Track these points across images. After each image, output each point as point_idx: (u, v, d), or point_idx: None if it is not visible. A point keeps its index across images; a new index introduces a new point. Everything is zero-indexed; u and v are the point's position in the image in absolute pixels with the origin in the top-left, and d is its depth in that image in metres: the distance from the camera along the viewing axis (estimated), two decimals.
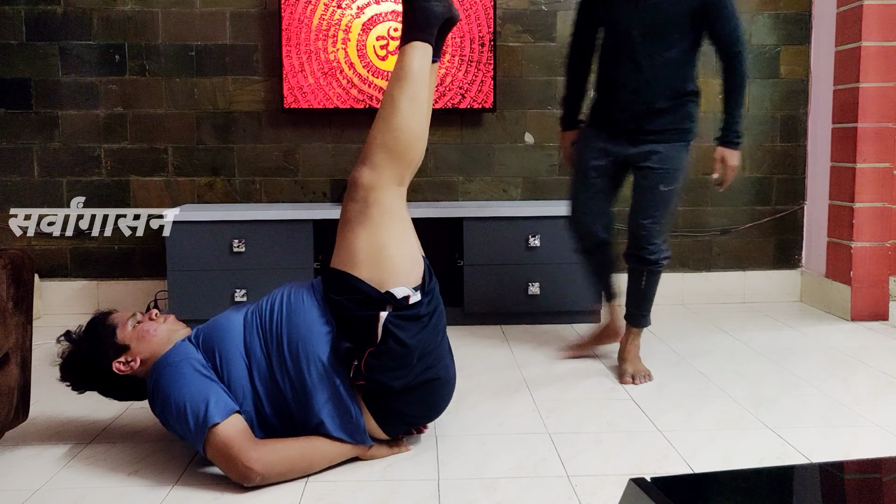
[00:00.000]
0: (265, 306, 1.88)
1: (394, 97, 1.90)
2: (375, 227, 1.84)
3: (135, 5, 3.41)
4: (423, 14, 1.92)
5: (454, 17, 1.98)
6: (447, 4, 1.95)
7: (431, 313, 1.85)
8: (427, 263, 1.92)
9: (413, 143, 1.90)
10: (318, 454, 1.78)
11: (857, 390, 2.36)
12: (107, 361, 1.86)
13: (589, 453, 1.91)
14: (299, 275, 3.11)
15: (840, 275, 3.32)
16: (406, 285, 1.82)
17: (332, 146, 3.51)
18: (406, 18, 1.95)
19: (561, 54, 3.51)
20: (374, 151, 1.88)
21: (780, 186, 3.64)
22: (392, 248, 1.84)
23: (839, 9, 3.32)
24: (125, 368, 1.86)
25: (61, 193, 3.46)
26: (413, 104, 1.90)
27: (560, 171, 3.56)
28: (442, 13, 1.94)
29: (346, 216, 1.88)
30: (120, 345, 1.87)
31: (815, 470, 1.20)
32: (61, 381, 1.90)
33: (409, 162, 1.91)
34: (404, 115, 1.89)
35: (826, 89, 3.44)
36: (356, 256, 1.83)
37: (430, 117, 1.96)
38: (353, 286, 1.81)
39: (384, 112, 1.91)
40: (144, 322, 1.90)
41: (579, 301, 3.22)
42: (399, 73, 1.91)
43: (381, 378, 1.77)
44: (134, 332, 1.88)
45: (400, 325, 1.77)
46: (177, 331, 1.91)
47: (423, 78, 1.91)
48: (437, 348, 1.87)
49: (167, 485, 1.76)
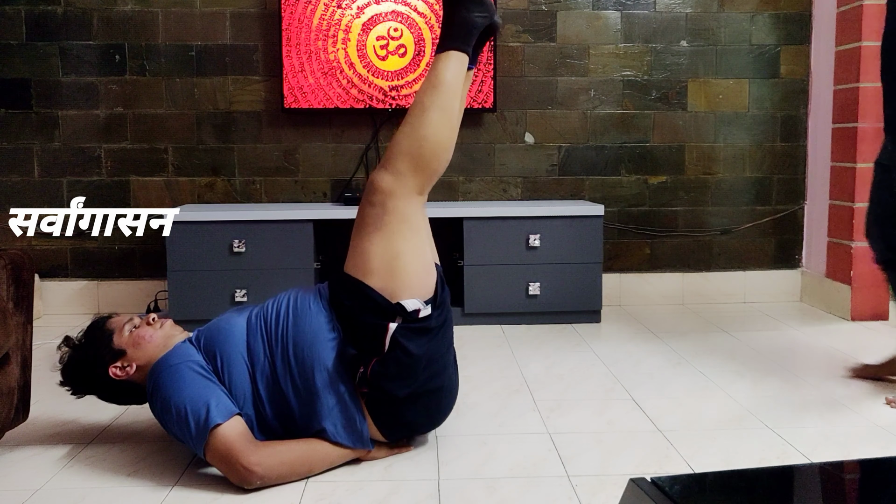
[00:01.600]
0: (270, 310, 1.87)
1: (424, 105, 1.85)
2: (391, 236, 1.81)
3: (135, 5, 3.41)
4: (464, 24, 1.88)
5: (496, 24, 1.93)
6: (489, 13, 1.90)
7: (440, 326, 1.84)
8: (440, 272, 1.90)
9: (439, 154, 1.86)
10: (319, 457, 1.78)
11: (858, 390, 2.35)
12: (103, 367, 1.86)
13: (589, 453, 1.91)
14: (299, 275, 3.11)
15: (840, 275, 3.32)
16: (418, 297, 1.80)
17: (332, 146, 3.51)
18: (445, 26, 1.91)
19: (561, 54, 3.51)
20: (397, 157, 1.84)
21: (780, 186, 3.64)
22: (406, 258, 1.81)
23: (839, 9, 3.32)
24: (121, 374, 1.86)
25: (61, 193, 3.46)
26: (443, 114, 1.85)
27: (559, 171, 3.56)
28: (482, 23, 1.89)
29: (363, 220, 1.85)
30: (116, 350, 1.86)
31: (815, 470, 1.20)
32: (61, 385, 1.91)
33: (432, 172, 1.87)
34: (433, 124, 1.84)
35: (826, 89, 3.44)
36: (369, 264, 1.81)
37: (458, 127, 1.92)
38: (364, 294, 1.79)
39: (413, 119, 1.86)
40: (141, 327, 1.90)
41: (579, 301, 3.22)
42: (432, 81, 1.87)
43: (386, 386, 1.76)
44: (130, 338, 1.87)
45: (408, 337, 1.76)
46: (174, 336, 1.90)
47: (455, 88, 1.87)
48: (443, 358, 1.87)
49: (167, 485, 1.75)
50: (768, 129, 3.60)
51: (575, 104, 3.53)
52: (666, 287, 3.62)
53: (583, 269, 3.21)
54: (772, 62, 3.58)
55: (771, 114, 3.60)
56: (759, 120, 3.60)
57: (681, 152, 3.59)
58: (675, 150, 3.58)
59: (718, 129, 3.59)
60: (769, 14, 3.55)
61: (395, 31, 3.34)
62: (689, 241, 3.63)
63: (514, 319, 3.24)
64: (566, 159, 3.56)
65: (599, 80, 3.53)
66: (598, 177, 3.58)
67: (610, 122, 3.56)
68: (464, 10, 1.88)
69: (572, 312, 3.24)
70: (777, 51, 3.57)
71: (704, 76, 3.57)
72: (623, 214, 3.60)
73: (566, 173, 3.58)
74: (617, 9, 3.51)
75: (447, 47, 1.88)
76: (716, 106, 3.59)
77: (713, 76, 3.57)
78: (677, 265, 3.63)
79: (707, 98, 3.57)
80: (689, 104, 3.57)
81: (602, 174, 3.58)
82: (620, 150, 3.57)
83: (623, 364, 2.65)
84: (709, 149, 3.60)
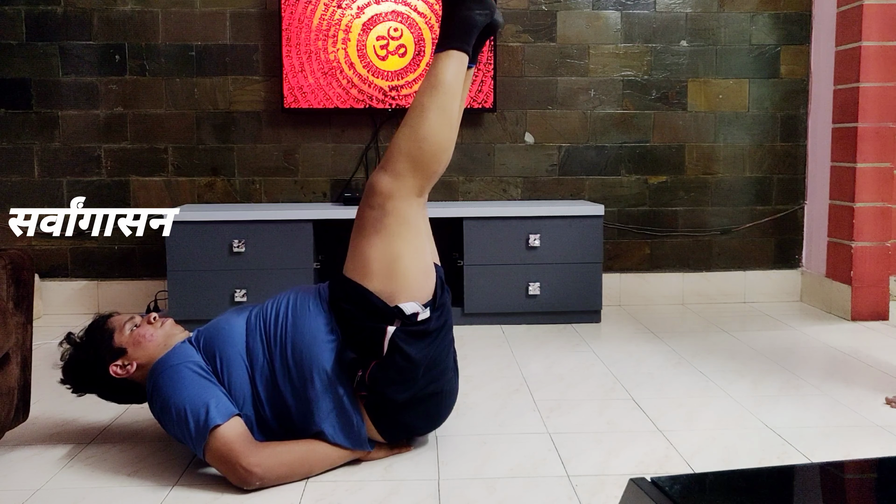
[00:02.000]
0: (270, 311, 1.86)
1: (424, 105, 1.83)
2: (390, 238, 1.80)
3: (135, 5, 3.41)
4: (464, 23, 1.85)
5: (496, 23, 1.90)
6: (490, 11, 1.87)
7: (440, 329, 1.82)
8: (441, 274, 1.89)
9: (438, 155, 1.84)
10: (318, 458, 1.78)
11: (858, 390, 2.35)
12: (104, 365, 1.85)
13: (589, 453, 1.91)
14: (299, 275, 3.11)
15: (840, 274, 3.32)
16: (417, 300, 1.79)
17: (332, 146, 3.51)
18: (444, 25, 1.89)
19: (561, 54, 3.52)
20: (396, 159, 1.82)
21: (780, 186, 3.64)
22: (405, 261, 1.80)
23: (839, 8, 3.32)
24: (122, 372, 1.85)
25: (61, 193, 3.46)
26: (442, 114, 1.83)
27: (559, 171, 3.56)
28: (483, 22, 1.87)
29: (362, 222, 1.84)
30: (117, 349, 1.86)
31: (815, 470, 1.20)
32: (62, 383, 1.90)
33: (432, 173, 1.85)
34: (432, 124, 1.82)
35: (826, 89, 3.44)
36: (368, 266, 1.80)
37: (458, 127, 1.90)
38: (362, 297, 1.78)
39: (412, 120, 1.84)
40: (142, 326, 1.89)
41: (579, 301, 3.22)
42: (431, 82, 1.84)
43: (385, 390, 1.76)
44: (131, 337, 1.87)
45: (407, 341, 1.75)
46: (174, 335, 1.90)
47: (455, 88, 1.85)
48: (442, 361, 1.86)
49: (167, 485, 1.75)
50: (768, 129, 3.60)
51: (575, 104, 3.53)
52: (666, 287, 3.62)
53: (583, 269, 3.21)
54: (772, 62, 3.58)
55: (771, 114, 3.60)
56: (759, 120, 3.60)
57: (681, 152, 3.59)
58: (675, 150, 3.58)
59: (718, 129, 3.59)
60: (769, 14, 3.55)
61: (395, 31, 3.34)
62: (689, 241, 3.63)
63: (514, 319, 3.24)
64: (566, 159, 3.56)
65: (599, 80, 3.53)
66: (599, 177, 3.58)
67: (610, 122, 3.55)
68: (464, 8, 1.86)
69: (572, 312, 3.24)
70: (777, 51, 3.57)
71: (704, 76, 3.57)
72: (623, 214, 3.60)
73: (566, 173, 3.58)
74: (617, 9, 3.51)
75: (447, 46, 1.86)
76: (716, 106, 3.59)
77: (713, 76, 3.57)
78: (677, 265, 3.63)
79: (707, 98, 3.57)
80: (690, 104, 3.57)
81: (602, 174, 3.58)
82: (620, 150, 3.57)
83: (623, 364, 2.65)
84: (709, 149, 3.60)
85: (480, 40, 1.93)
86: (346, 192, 3.39)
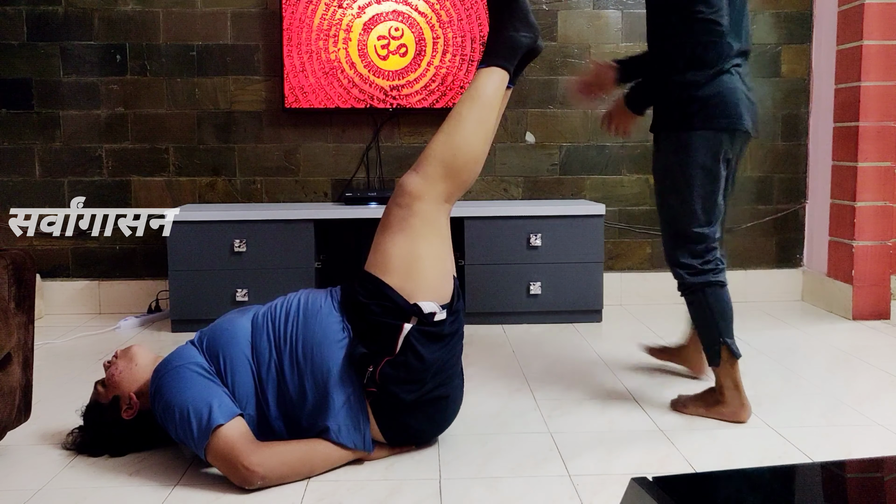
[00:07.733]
0: (279, 310, 1.88)
1: (462, 116, 1.90)
2: (414, 237, 1.84)
3: (136, 5, 3.41)
4: (509, 42, 1.93)
5: (539, 47, 1.98)
6: (535, 36, 1.95)
7: (453, 334, 1.85)
8: (457, 284, 1.93)
9: (470, 165, 1.91)
10: (320, 458, 1.78)
11: (859, 389, 2.35)
12: (117, 418, 1.89)
13: (590, 453, 1.91)
14: (300, 274, 3.11)
15: (841, 274, 3.32)
16: (435, 300, 1.82)
17: (332, 146, 3.51)
18: (490, 42, 1.95)
19: (561, 54, 3.51)
20: (429, 162, 1.88)
21: (781, 185, 3.63)
22: (426, 261, 1.84)
23: (840, 7, 3.32)
24: (132, 410, 1.88)
25: (62, 193, 3.46)
26: (479, 126, 1.90)
27: (560, 170, 3.56)
28: (527, 44, 1.94)
29: (388, 220, 1.88)
30: (112, 401, 1.90)
31: (816, 469, 1.20)
32: (103, 457, 1.90)
33: (462, 181, 1.91)
34: (468, 135, 1.89)
35: (827, 88, 3.44)
36: (390, 263, 1.83)
37: (491, 143, 1.97)
38: (381, 292, 1.81)
39: (449, 127, 1.91)
40: (109, 370, 1.93)
41: (580, 300, 3.22)
42: (472, 94, 1.92)
43: (393, 389, 1.77)
44: (109, 385, 1.91)
45: (421, 341, 1.78)
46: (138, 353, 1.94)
47: (494, 103, 1.92)
48: (451, 367, 1.88)
49: (168, 485, 1.76)
50: (770, 129, 3.60)
51: (575, 104, 3.53)
52: (667, 286, 3.60)
53: (584, 268, 3.21)
54: (773, 61, 3.57)
55: (772, 113, 3.59)
56: (761, 119, 3.57)
57: None
58: None
59: None
60: (770, 13, 3.55)
61: (396, 30, 3.34)
62: None
63: (515, 319, 3.24)
64: (567, 159, 3.56)
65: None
66: (599, 176, 3.58)
67: None
68: (511, 29, 1.92)
69: (573, 312, 3.24)
70: (778, 50, 3.57)
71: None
72: (624, 214, 3.60)
73: (567, 173, 3.57)
74: (618, 8, 3.51)
75: (491, 63, 1.93)
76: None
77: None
78: None
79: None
80: None
81: (603, 173, 3.57)
82: (621, 150, 3.57)
83: (624, 363, 2.65)
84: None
85: (522, 62, 1.99)
86: (348, 191, 3.39)
